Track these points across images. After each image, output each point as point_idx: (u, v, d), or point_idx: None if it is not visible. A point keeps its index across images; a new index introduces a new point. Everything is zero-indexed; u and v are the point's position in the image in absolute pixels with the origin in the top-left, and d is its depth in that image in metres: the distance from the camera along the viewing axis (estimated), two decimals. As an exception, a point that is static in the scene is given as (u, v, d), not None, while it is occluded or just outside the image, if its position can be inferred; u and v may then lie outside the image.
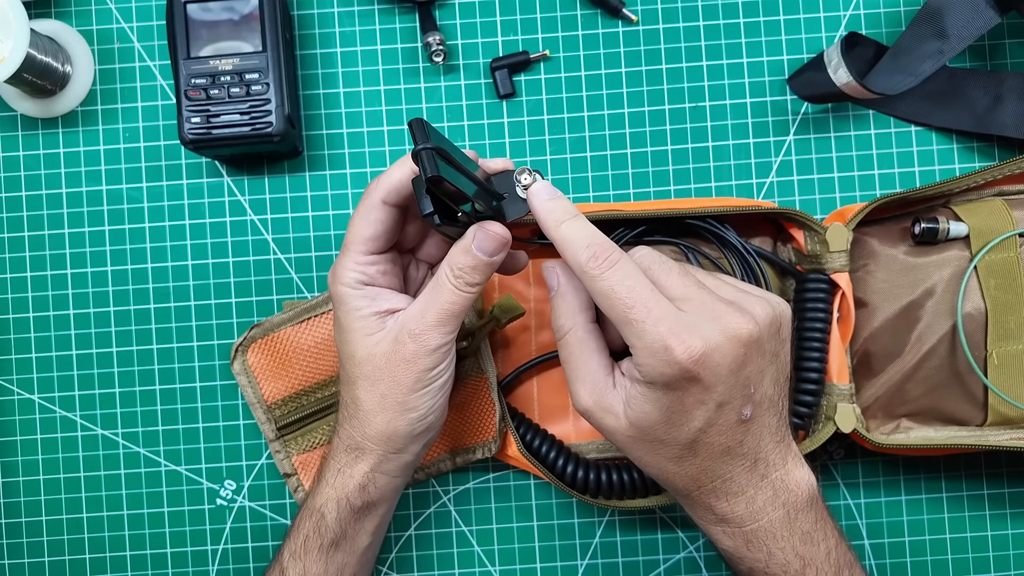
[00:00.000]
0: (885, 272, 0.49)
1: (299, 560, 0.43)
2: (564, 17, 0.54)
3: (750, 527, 0.40)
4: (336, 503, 0.43)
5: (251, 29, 0.50)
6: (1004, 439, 0.48)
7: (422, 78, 0.55)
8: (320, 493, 0.43)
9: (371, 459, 0.42)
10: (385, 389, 0.41)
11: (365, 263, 0.41)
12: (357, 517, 0.44)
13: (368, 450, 0.42)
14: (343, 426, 0.43)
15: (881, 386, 0.50)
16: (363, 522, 0.44)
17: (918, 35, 0.50)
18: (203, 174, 0.55)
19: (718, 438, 0.38)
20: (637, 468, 0.49)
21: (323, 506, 0.43)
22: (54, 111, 0.54)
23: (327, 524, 0.43)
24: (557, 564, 0.54)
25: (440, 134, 0.36)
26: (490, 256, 0.39)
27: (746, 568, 0.41)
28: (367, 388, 0.41)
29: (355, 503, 0.43)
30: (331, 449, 0.44)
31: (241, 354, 0.51)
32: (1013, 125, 0.52)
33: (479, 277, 0.39)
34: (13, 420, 0.55)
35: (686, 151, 0.54)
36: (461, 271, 0.39)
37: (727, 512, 0.40)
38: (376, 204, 0.40)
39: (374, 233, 0.41)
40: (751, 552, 0.40)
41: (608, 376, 0.40)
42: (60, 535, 0.55)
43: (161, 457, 0.55)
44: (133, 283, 0.54)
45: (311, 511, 0.44)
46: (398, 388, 0.40)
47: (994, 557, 0.53)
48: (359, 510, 0.43)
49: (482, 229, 0.39)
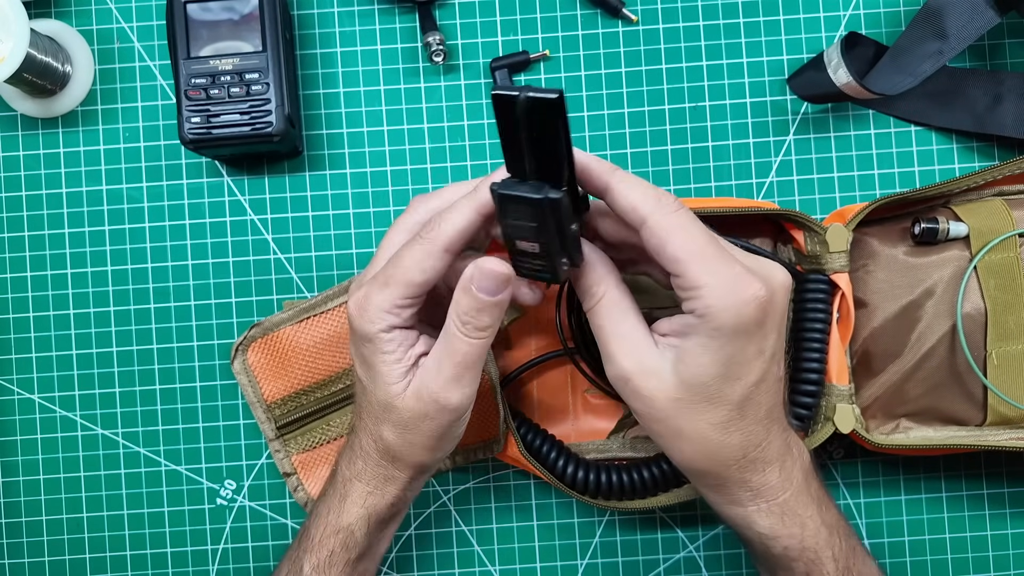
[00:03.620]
0: (885, 272, 0.49)
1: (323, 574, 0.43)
2: (564, 17, 0.54)
3: (783, 497, 0.39)
4: (367, 520, 0.43)
5: (251, 29, 0.50)
6: (1003, 439, 0.48)
7: (422, 78, 0.55)
8: (348, 512, 0.43)
9: (401, 483, 0.42)
10: (412, 438, 0.40)
11: (403, 306, 0.38)
12: (381, 528, 0.44)
13: (398, 477, 0.42)
14: (370, 455, 0.42)
15: (881, 386, 0.50)
16: (386, 531, 0.45)
17: (918, 35, 0.50)
18: (203, 174, 0.55)
19: (764, 396, 0.37)
20: (636, 469, 0.49)
21: (352, 524, 0.43)
22: (54, 111, 0.54)
23: (356, 540, 0.43)
24: (557, 564, 0.54)
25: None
26: (492, 295, 0.36)
27: (781, 548, 0.40)
28: (394, 434, 0.40)
29: (384, 518, 0.43)
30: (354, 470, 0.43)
31: (241, 353, 0.51)
32: (1013, 125, 0.52)
33: (487, 320, 0.37)
34: (13, 420, 0.55)
35: (686, 151, 0.54)
36: (467, 315, 0.36)
37: (763, 483, 0.38)
38: (436, 252, 0.37)
39: (425, 280, 0.37)
40: (786, 527, 0.39)
41: (648, 336, 0.37)
42: (60, 535, 0.55)
43: (161, 457, 0.55)
44: (133, 283, 0.54)
45: (338, 529, 0.43)
46: (423, 438, 0.40)
47: (994, 557, 0.54)
48: (385, 523, 0.44)
49: (478, 268, 0.36)
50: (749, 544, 0.42)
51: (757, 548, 0.41)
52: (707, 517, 0.54)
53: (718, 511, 0.41)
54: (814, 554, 0.40)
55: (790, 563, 0.40)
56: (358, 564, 0.44)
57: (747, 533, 0.40)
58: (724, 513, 0.41)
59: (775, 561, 0.41)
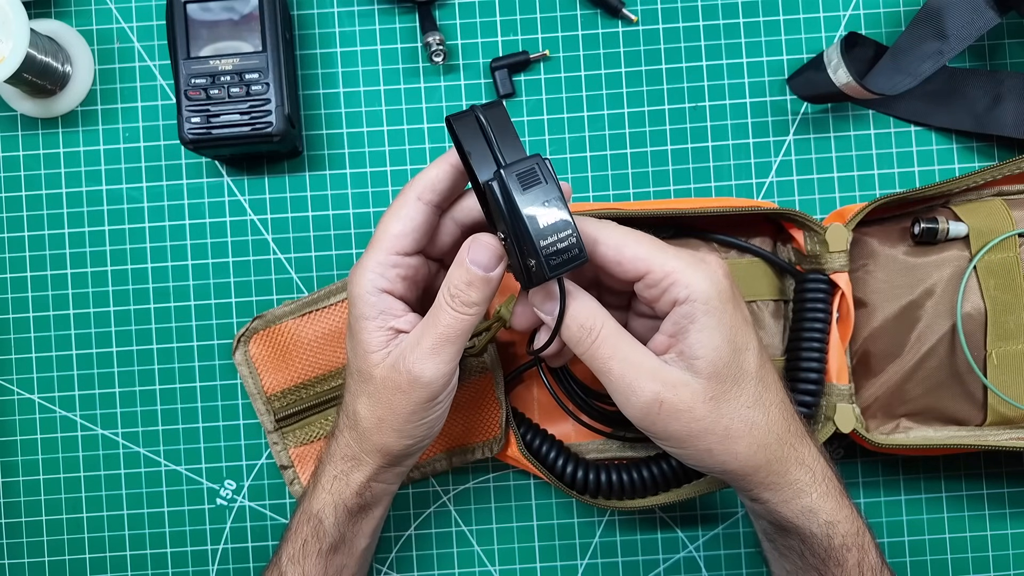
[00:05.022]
0: (885, 272, 0.49)
1: (298, 564, 0.43)
2: (564, 17, 0.54)
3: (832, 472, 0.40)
4: (334, 508, 0.43)
5: (251, 29, 0.50)
6: (1003, 439, 0.48)
7: (422, 78, 0.55)
8: (317, 498, 0.43)
9: (368, 469, 0.42)
10: (383, 414, 0.40)
11: (388, 263, 0.39)
12: (354, 521, 0.44)
13: (365, 462, 0.42)
14: (343, 433, 0.42)
15: (881, 386, 0.50)
16: (360, 525, 0.44)
17: (918, 35, 0.50)
18: (203, 174, 0.55)
19: (769, 364, 0.38)
20: (636, 469, 0.49)
21: (320, 511, 0.43)
22: (54, 111, 0.54)
23: (325, 529, 0.43)
24: (557, 564, 0.54)
25: None
26: (485, 270, 0.37)
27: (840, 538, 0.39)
28: (367, 406, 0.40)
29: (352, 508, 0.43)
30: (328, 452, 0.44)
31: (243, 344, 0.51)
32: (1012, 125, 0.52)
33: (475, 295, 0.37)
34: (13, 420, 0.55)
35: (686, 151, 0.54)
36: (457, 288, 0.37)
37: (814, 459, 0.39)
38: (410, 200, 0.39)
39: (403, 230, 0.39)
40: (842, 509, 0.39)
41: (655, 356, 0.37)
42: (60, 535, 0.55)
43: (161, 457, 0.55)
44: (133, 283, 0.54)
45: (308, 515, 0.43)
46: (394, 416, 0.40)
47: (993, 557, 0.54)
48: (356, 514, 0.43)
49: (475, 240, 0.37)
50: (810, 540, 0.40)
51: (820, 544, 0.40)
52: (707, 517, 0.54)
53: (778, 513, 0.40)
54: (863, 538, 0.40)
55: (845, 553, 0.40)
56: (332, 557, 0.43)
57: (811, 527, 0.39)
58: (786, 513, 0.40)
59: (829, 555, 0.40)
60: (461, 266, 0.37)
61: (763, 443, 0.38)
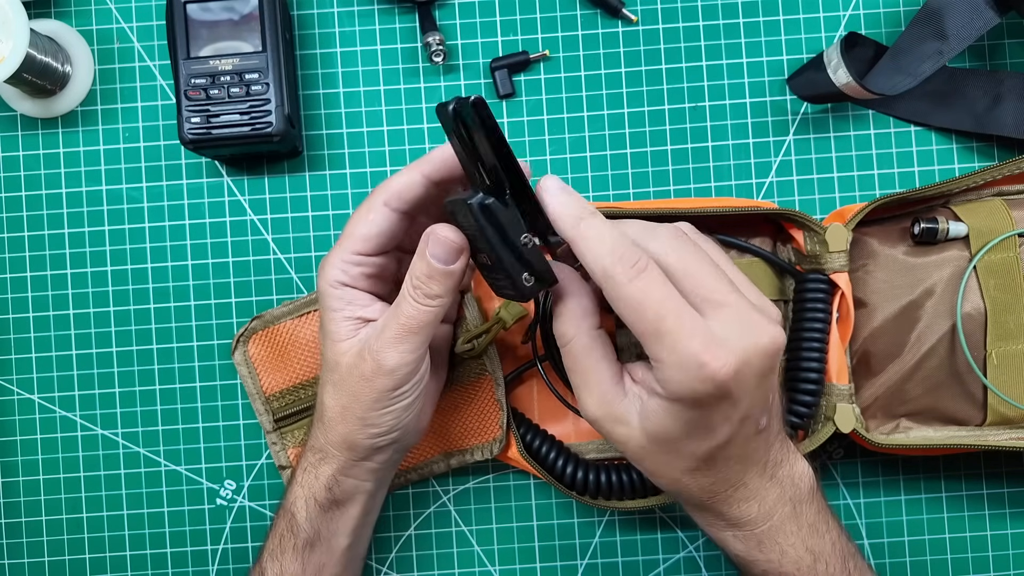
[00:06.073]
0: (885, 272, 0.49)
1: (277, 560, 0.43)
2: (564, 17, 0.54)
3: (762, 528, 0.39)
4: (304, 502, 0.43)
5: (251, 29, 0.50)
6: (1003, 439, 0.48)
7: (422, 78, 0.55)
8: (291, 492, 0.43)
9: (334, 463, 0.42)
10: (347, 402, 0.40)
11: (351, 262, 0.40)
12: (328, 517, 0.43)
13: (331, 454, 0.42)
14: (314, 425, 0.43)
15: (880, 386, 0.50)
16: (336, 522, 0.44)
17: (918, 35, 0.50)
18: (203, 174, 0.55)
19: (736, 450, 0.37)
20: (637, 469, 0.49)
21: (293, 504, 0.43)
22: (54, 111, 0.54)
23: (298, 523, 0.43)
24: (557, 564, 0.54)
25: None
26: (444, 264, 0.37)
27: (759, 571, 0.40)
28: (332, 395, 0.40)
29: (322, 502, 0.42)
30: (306, 445, 0.44)
31: (242, 344, 0.52)
32: (1012, 125, 0.52)
33: (437, 288, 0.37)
34: (13, 420, 0.55)
35: (686, 151, 0.54)
36: (418, 280, 0.37)
37: (739, 517, 0.39)
38: (376, 206, 0.40)
39: (367, 233, 0.39)
40: (764, 553, 0.40)
41: (618, 384, 0.37)
42: (60, 535, 0.55)
43: (161, 457, 0.55)
44: (133, 283, 0.54)
45: (284, 509, 0.44)
46: (358, 404, 0.39)
47: (993, 557, 0.54)
48: (327, 509, 0.43)
49: (432, 232, 0.37)
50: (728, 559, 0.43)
51: (736, 564, 0.42)
52: (707, 517, 0.54)
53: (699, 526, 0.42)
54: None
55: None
56: (309, 554, 0.43)
57: (724, 551, 0.42)
58: (703, 530, 0.42)
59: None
60: (423, 259, 0.37)
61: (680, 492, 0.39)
